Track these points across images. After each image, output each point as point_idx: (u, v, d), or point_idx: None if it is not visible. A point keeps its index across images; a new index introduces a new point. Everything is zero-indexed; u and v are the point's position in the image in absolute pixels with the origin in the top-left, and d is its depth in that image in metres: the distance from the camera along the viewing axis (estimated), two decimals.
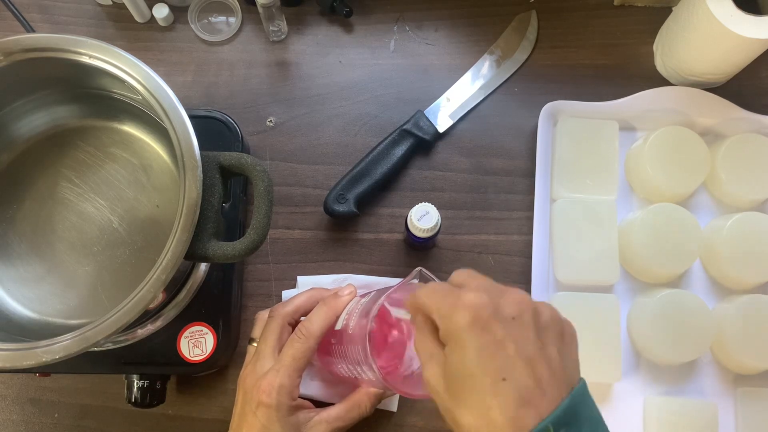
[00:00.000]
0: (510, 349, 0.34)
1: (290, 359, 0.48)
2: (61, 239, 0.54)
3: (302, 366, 0.48)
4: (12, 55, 0.48)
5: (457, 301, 0.35)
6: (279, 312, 0.51)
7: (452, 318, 0.35)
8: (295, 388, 0.48)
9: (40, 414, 0.59)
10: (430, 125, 0.64)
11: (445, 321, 0.36)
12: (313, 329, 0.49)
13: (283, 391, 0.47)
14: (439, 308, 0.36)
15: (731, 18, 0.55)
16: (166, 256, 0.43)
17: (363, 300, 0.50)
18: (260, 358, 0.49)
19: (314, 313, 0.51)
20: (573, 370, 0.36)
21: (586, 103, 0.63)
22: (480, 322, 0.34)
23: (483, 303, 0.35)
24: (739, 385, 0.58)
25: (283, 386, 0.47)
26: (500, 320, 0.34)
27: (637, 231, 0.58)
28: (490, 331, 0.34)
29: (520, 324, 0.35)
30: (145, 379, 0.55)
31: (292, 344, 0.49)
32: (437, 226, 0.55)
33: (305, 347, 0.48)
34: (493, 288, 0.37)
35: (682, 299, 0.56)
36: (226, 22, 0.69)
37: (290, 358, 0.48)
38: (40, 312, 0.53)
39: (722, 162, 0.60)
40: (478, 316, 0.34)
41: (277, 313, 0.51)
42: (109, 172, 0.56)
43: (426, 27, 0.68)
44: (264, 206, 0.47)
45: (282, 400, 0.47)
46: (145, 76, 0.47)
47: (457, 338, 0.35)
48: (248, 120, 0.65)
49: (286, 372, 0.47)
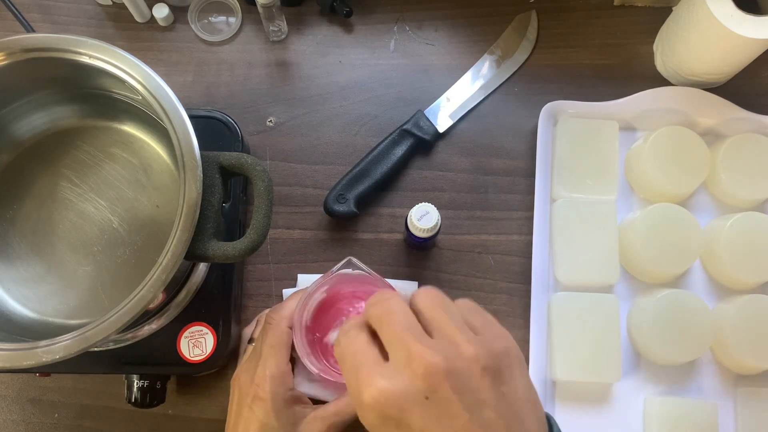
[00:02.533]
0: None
1: (268, 348, 0.48)
2: (61, 239, 0.54)
3: (283, 352, 0.49)
4: (12, 55, 0.48)
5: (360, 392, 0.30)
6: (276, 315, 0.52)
7: (360, 412, 0.31)
8: (286, 376, 0.48)
9: (40, 414, 0.59)
10: (430, 125, 0.64)
11: (358, 410, 0.31)
12: (282, 312, 0.50)
13: (275, 381, 0.47)
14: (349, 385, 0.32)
15: (731, 18, 0.55)
16: (166, 256, 0.43)
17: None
18: (255, 357, 0.49)
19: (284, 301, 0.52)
20: (526, 413, 0.31)
21: (586, 103, 0.63)
22: (391, 420, 0.29)
23: (385, 395, 0.29)
24: (739, 385, 0.58)
25: (273, 376, 0.47)
26: (412, 409, 0.29)
27: (637, 231, 0.58)
28: (404, 426, 0.29)
29: (436, 403, 0.29)
30: (145, 379, 0.55)
31: (264, 334, 0.50)
32: (437, 226, 0.55)
33: (278, 332, 0.49)
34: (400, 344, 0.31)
35: (682, 299, 0.56)
36: (226, 22, 0.69)
37: (268, 348, 0.48)
38: (40, 312, 0.53)
39: (722, 162, 0.60)
40: (385, 415, 0.30)
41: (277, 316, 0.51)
42: (109, 172, 0.56)
43: (426, 27, 0.68)
44: (264, 206, 0.47)
45: (276, 390, 0.47)
46: (145, 76, 0.47)
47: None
48: (248, 120, 0.65)
49: (270, 361, 0.48)
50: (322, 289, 0.55)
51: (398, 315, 0.32)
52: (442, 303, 0.33)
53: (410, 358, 0.30)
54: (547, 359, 0.58)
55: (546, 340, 0.58)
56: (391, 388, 0.29)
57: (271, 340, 0.49)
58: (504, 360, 0.31)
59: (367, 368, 0.31)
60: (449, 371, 0.29)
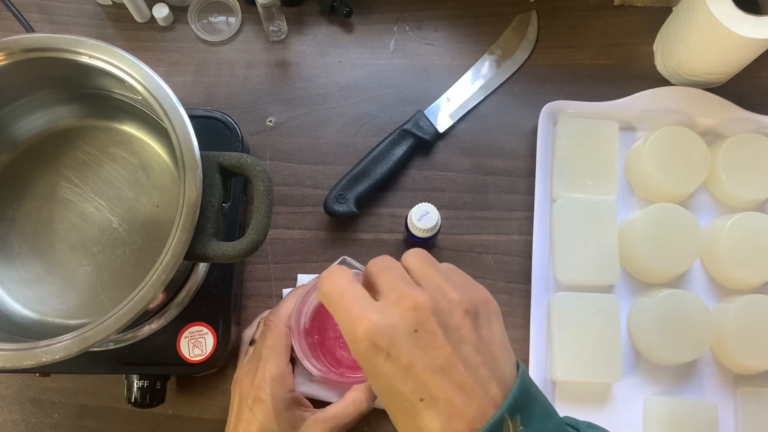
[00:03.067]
0: (418, 369, 0.32)
1: (267, 350, 0.49)
2: (61, 239, 0.54)
3: (282, 353, 0.49)
4: (12, 55, 0.48)
5: (352, 323, 0.33)
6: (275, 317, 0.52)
7: (353, 345, 0.33)
8: (286, 377, 0.49)
9: (40, 414, 0.59)
10: (430, 125, 0.64)
11: (350, 343, 0.34)
12: (279, 313, 0.51)
13: (275, 382, 0.47)
14: (339, 323, 0.34)
15: (731, 18, 0.55)
16: (166, 256, 0.43)
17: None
18: (256, 358, 0.50)
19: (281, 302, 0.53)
20: (501, 355, 0.34)
21: (586, 103, 0.63)
22: (381, 351, 0.32)
23: (378, 328, 0.32)
24: (739, 385, 0.58)
25: (273, 378, 0.48)
26: (401, 340, 0.32)
27: (637, 231, 0.58)
28: (394, 357, 0.32)
29: (423, 335, 0.32)
30: (145, 379, 0.55)
31: (263, 336, 0.50)
32: (437, 226, 0.55)
33: (276, 333, 0.50)
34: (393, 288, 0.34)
35: (682, 299, 0.56)
36: (226, 22, 0.69)
37: (267, 350, 0.49)
38: (40, 312, 0.53)
39: (722, 162, 0.60)
40: (376, 346, 0.32)
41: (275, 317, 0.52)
42: (109, 172, 0.56)
43: (426, 27, 0.68)
44: (264, 206, 0.47)
45: (276, 391, 0.47)
46: (145, 76, 0.47)
47: (364, 366, 0.33)
48: (248, 120, 0.65)
49: (270, 363, 0.48)
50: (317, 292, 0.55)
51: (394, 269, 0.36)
52: (429, 260, 0.37)
53: (401, 297, 0.33)
54: (547, 359, 0.58)
55: (546, 340, 0.58)
56: (383, 321, 0.32)
57: (270, 342, 0.49)
58: (483, 307, 0.35)
59: (360, 305, 0.34)
60: (435, 309, 0.33)
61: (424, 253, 0.38)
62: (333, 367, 0.55)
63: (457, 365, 0.32)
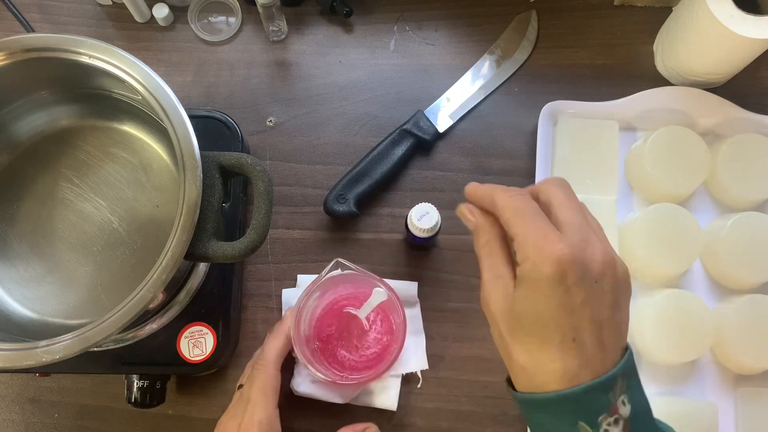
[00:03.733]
0: (586, 314, 0.34)
1: (257, 392, 0.50)
2: (61, 239, 0.54)
3: (271, 395, 0.50)
4: (12, 55, 0.48)
5: (546, 244, 0.34)
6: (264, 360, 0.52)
7: (537, 265, 0.34)
8: (274, 421, 0.50)
9: (40, 414, 0.59)
10: (430, 125, 0.64)
11: (528, 263, 0.34)
12: (268, 357, 0.52)
13: (262, 425, 0.48)
14: (524, 238, 0.35)
15: (731, 18, 0.55)
16: (166, 256, 0.43)
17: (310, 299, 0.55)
18: (243, 403, 0.50)
19: (265, 342, 0.54)
20: (623, 326, 0.37)
21: (586, 103, 0.63)
22: (565, 282, 0.34)
23: (572, 261, 0.34)
24: (739, 385, 0.58)
25: (261, 421, 0.49)
26: (584, 284, 0.34)
27: (637, 231, 0.58)
28: (573, 293, 0.34)
29: (600, 290, 0.35)
30: (145, 379, 0.55)
31: (253, 379, 0.51)
32: (437, 226, 0.55)
33: (266, 375, 0.51)
34: (581, 231, 0.35)
35: (682, 299, 0.56)
36: (226, 22, 0.69)
37: (257, 392, 0.50)
38: (40, 312, 0.53)
39: (722, 162, 0.60)
40: (564, 276, 0.34)
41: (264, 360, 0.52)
42: (109, 172, 0.56)
43: (426, 27, 0.68)
44: (264, 206, 0.47)
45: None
46: (145, 76, 0.47)
47: (536, 287, 0.34)
48: (248, 120, 0.65)
49: (260, 405, 0.49)
50: (315, 296, 0.55)
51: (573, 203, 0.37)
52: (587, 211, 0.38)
53: (591, 244, 0.35)
54: None
55: None
56: (579, 259, 0.34)
57: (259, 383, 0.50)
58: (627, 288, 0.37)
59: (554, 231, 0.35)
60: (614, 271, 0.35)
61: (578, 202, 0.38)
62: (335, 368, 0.56)
63: (609, 326, 0.35)
